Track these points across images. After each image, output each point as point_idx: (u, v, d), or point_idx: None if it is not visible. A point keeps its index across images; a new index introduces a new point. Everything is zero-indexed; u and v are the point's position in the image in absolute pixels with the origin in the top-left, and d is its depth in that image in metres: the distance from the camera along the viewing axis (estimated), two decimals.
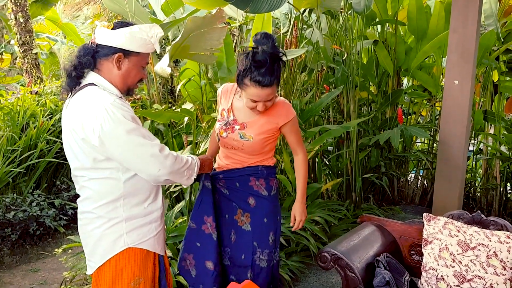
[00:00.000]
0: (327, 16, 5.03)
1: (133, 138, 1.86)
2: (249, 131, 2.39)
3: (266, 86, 2.18)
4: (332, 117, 5.27)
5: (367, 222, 2.82)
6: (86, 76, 1.98)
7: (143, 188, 2.01)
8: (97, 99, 1.86)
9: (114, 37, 1.93)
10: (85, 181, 1.96)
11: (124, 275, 1.97)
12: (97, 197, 1.95)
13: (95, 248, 1.99)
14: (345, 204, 4.89)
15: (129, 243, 1.97)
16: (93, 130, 1.83)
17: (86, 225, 2.00)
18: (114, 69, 1.97)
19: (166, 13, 4.09)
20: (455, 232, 2.43)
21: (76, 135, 1.89)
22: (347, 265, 2.31)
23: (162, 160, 1.90)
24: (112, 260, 1.96)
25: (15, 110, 5.13)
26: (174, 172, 1.97)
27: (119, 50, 1.95)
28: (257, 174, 2.47)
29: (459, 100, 4.17)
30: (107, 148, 1.85)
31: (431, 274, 2.43)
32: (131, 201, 1.98)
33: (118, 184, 1.94)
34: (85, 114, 1.85)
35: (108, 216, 1.95)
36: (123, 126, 1.84)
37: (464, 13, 4.04)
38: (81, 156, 1.92)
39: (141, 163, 1.89)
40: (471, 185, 5.87)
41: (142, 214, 2.01)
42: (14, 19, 7.27)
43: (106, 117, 1.82)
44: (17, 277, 3.93)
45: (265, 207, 2.50)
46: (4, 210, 4.37)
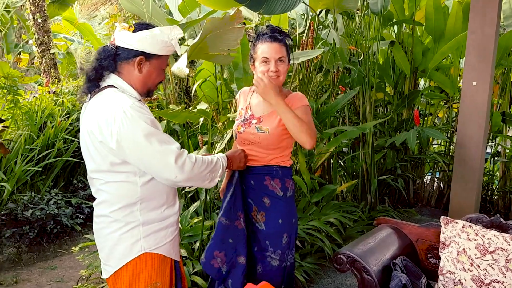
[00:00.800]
0: (344, 17, 5.01)
1: (151, 143, 1.82)
2: (266, 124, 2.40)
3: (275, 40, 2.33)
4: (348, 118, 5.25)
5: (384, 224, 2.80)
6: (105, 79, 1.96)
7: (161, 192, 1.98)
8: (116, 102, 1.85)
9: (135, 40, 1.92)
10: (101, 184, 1.94)
11: (141, 279, 1.95)
12: (114, 201, 1.92)
13: (111, 252, 1.96)
14: (360, 206, 4.86)
15: (146, 248, 1.94)
16: (111, 133, 1.81)
17: (103, 228, 1.98)
18: (135, 72, 1.96)
19: (183, 13, 4.10)
20: (473, 235, 2.40)
21: (94, 137, 1.88)
22: (364, 268, 2.30)
23: (179, 166, 1.86)
24: (129, 265, 1.94)
25: (34, 109, 5.19)
26: (193, 177, 1.93)
27: (140, 53, 1.94)
28: (272, 173, 2.46)
29: (477, 101, 4.14)
30: (124, 151, 1.83)
31: (448, 278, 2.41)
32: (148, 205, 1.95)
33: (134, 188, 1.91)
34: (104, 117, 1.83)
35: (125, 220, 1.92)
36: (142, 130, 1.82)
37: (482, 13, 4.00)
38: (98, 158, 1.90)
39: (158, 168, 1.86)
40: (488, 188, 5.80)
41: (159, 219, 1.98)
42: (32, 19, 7.35)
43: (125, 120, 1.80)
44: (34, 274, 3.97)
45: (280, 209, 2.47)
46: (22, 208, 4.43)
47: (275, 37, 2.34)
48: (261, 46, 2.35)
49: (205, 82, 4.00)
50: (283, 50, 2.36)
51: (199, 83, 3.98)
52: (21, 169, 4.58)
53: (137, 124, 1.82)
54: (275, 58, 2.33)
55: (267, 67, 2.34)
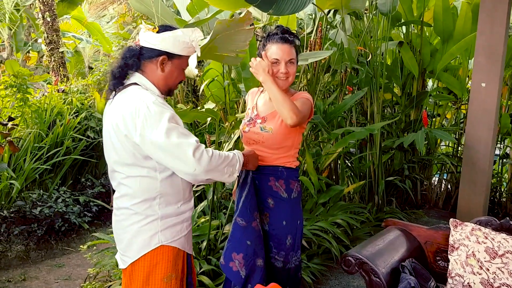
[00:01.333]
0: (352, 17, 4.99)
1: (170, 137, 1.88)
2: (270, 123, 2.41)
3: (286, 41, 2.35)
4: (355, 119, 5.24)
5: (392, 226, 2.80)
6: (130, 77, 2.07)
7: (178, 188, 2.06)
8: (140, 97, 1.94)
9: (159, 40, 2.02)
10: (123, 178, 2.02)
11: (158, 270, 2.03)
12: (135, 195, 2.01)
13: (130, 243, 2.04)
14: (367, 207, 4.85)
15: (163, 240, 2.02)
16: (135, 127, 1.89)
17: (123, 220, 2.06)
18: (158, 70, 2.06)
19: (191, 13, 4.10)
20: (482, 238, 2.40)
21: (119, 131, 1.95)
22: (372, 270, 2.29)
23: (197, 159, 1.90)
24: (147, 256, 2.02)
25: (43, 108, 5.22)
26: (212, 170, 1.96)
27: (163, 52, 2.04)
28: (277, 174, 2.45)
29: (486, 103, 4.12)
30: (146, 145, 1.90)
31: (457, 281, 2.40)
32: (167, 200, 2.03)
33: (155, 183, 1.99)
34: (128, 111, 1.91)
35: (145, 213, 2.01)
36: (162, 125, 1.88)
37: (492, 14, 3.99)
38: (121, 152, 1.98)
39: (177, 163, 1.91)
40: (496, 190, 5.76)
41: (176, 213, 2.07)
42: (42, 18, 7.38)
43: (148, 115, 1.88)
44: (42, 272, 3.99)
45: (284, 210, 2.46)
46: (30, 206, 4.46)
47: (285, 38, 2.35)
48: (272, 46, 2.36)
49: (213, 81, 4.00)
50: (293, 51, 2.37)
51: (207, 83, 3.98)
52: (30, 167, 4.62)
53: (159, 119, 1.89)
54: (285, 60, 2.34)
55: (277, 68, 2.36)
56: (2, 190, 4.35)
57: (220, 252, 3.53)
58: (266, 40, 2.40)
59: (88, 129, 5.48)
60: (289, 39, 2.36)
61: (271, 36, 2.38)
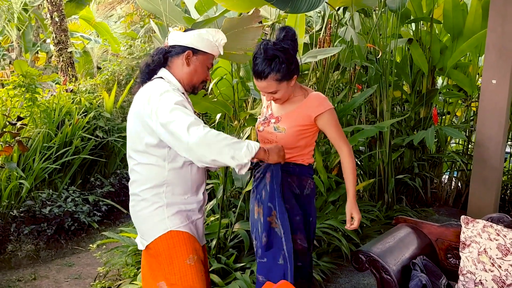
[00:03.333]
0: (361, 15, 4.97)
1: (173, 114, 1.96)
2: (283, 123, 2.39)
3: (260, 78, 2.25)
4: (365, 116, 5.21)
5: (402, 224, 2.77)
6: (157, 72, 2.20)
7: (186, 180, 2.17)
8: (158, 86, 2.07)
9: (184, 37, 2.17)
10: (134, 164, 2.16)
11: (178, 253, 2.13)
12: (143, 181, 2.13)
13: (143, 227, 2.19)
14: (377, 205, 4.82)
15: (171, 226, 2.13)
16: (151, 112, 2.00)
17: (134, 206, 2.20)
18: (184, 65, 2.19)
19: (200, 11, 4.09)
20: (494, 235, 2.37)
21: (140, 117, 2.08)
22: (383, 267, 2.27)
23: (192, 131, 1.92)
24: (161, 240, 2.13)
25: (51, 107, 5.24)
26: (207, 145, 1.93)
27: (188, 48, 2.17)
28: (288, 171, 2.44)
29: (497, 100, 4.08)
30: (158, 128, 1.99)
31: (469, 278, 2.37)
32: (173, 190, 2.14)
33: (162, 171, 2.11)
34: (147, 99, 2.04)
35: (151, 200, 2.13)
36: (169, 105, 1.98)
37: (502, 11, 3.95)
38: (135, 139, 2.12)
39: (174, 138, 1.97)
40: (507, 187, 5.71)
41: (182, 203, 2.18)
42: (50, 18, 7.41)
43: (160, 100, 2.00)
44: (52, 271, 4.01)
45: (296, 206, 2.45)
46: (40, 205, 4.47)
47: (259, 73, 2.23)
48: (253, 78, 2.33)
49: (221, 80, 3.99)
50: (272, 84, 2.25)
51: (216, 81, 3.97)
52: (39, 166, 4.63)
53: (168, 101, 2.00)
54: (266, 92, 2.33)
55: (264, 94, 2.38)
56: (11, 189, 4.37)
57: (230, 250, 3.53)
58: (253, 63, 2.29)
59: (96, 128, 5.50)
60: (263, 72, 2.22)
61: (252, 64, 2.26)
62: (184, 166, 2.14)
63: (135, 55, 6.72)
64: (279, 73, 2.23)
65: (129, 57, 6.71)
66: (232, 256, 3.38)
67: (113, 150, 5.66)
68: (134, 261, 3.41)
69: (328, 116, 2.35)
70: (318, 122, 2.37)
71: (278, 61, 2.21)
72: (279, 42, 2.25)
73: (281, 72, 2.23)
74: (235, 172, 3.52)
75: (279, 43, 2.25)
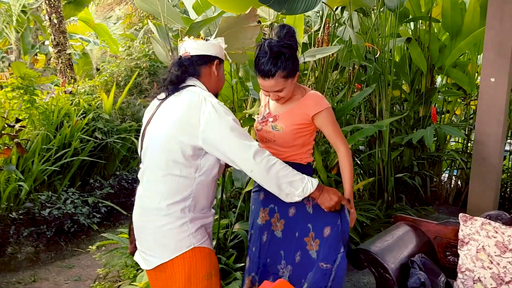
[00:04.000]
0: (359, 14, 4.97)
1: (234, 135, 1.98)
2: (280, 122, 2.39)
3: (267, 76, 2.23)
4: (364, 116, 5.21)
5: (401, 222, 2.78)
6: (186, 81, 2.16)
7: (209, 194, 2.15)
8: (203, 97, 2.03)
9: (210, 47, 2.18)
10: (162, 176, 2.04)
11: (198, 270, 2.07)
12: (172, 194, 2.04)
13: (160, 244, 2.07)
14: (377, 204, 4.82)
15: (195, 242, 2.07)
16: (198, 123, 1.97)
17: (154, 221, 2.07)
18: (213, 74, 2.21)
19: (198, 12, 4.10)
20: (492, 233, 2.37)
21: (175, 129, 2.01)
22: (382, 266, 2.27)
23: (257, 162, 1.99)
24: (184, 258, 2.05)
25: (50, 109, 5.23)
26: (269, 178, 2.03)
27: (216, 57, 2.20)
28: None
29: (495, 98, 4.08)
30: (208, 139, 1.98)
31: (467, 276, 2.37)
32: (196, 204, 2.09)
33: (191, 184, 2.05)
34: (191, 109, 2.01)
35: (177, 215, 2.04)
36: (227, 122, 1.99)
37: (501, 9, 3.94)
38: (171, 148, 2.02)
39: (238, 159, 2.00)
40: (507, 185, 5.71)
41: (202, 217, 2.13)
42: (49, 20, 7.41)
43: (213, 113, 1.98)
44: (52, 273, 4.01)
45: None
46: (39, 207, 4.47)
47: (266, 72, 2.22)
48: (257, 77, 2.29)
49: None
50: (279, 82, 2.25)
51: None
52: (38, 168, 4.63)
53: (224, 118, 2.00)
54: (272, 91, 2.31)
55: (267, 94, 2.35)
56: (10, 192, 4.37)
57: (230, 251, 3.52)
58: (255, 65, 2.28)
59: (95, 130, 5.49)
60: (270, 71, 2.21)
61: (257, 64, 2.25)
62: (212, 179, 2.14)
63: (134, 56, 6.72)
64: (286, 70, 2.22)
65: (128, 58, 6.71)
66: (232, 256, 3.38)
67: (112, 151, 5.65)
68: (134, 263, 3.40)
69: (326, 115, 2.35)
70: (315, 121, 2.37)
71: (284, 57, 2.21)
72: (282, 39, 2.24)
73: (288, 68, 2.23)
74: (235, 172, 3.53)
75: (282, 40, 2.24)
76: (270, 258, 2.45)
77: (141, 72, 6.55)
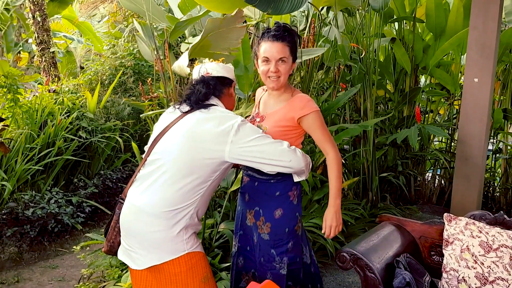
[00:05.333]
0: (344, 14, 4.99)
1: (265, 139, 2.15)
2: (266, 122, 2.40)
3: (277, 39, 2.28)
4: (349, 115, 5.23)
5: (386, 222, 2.79)
6: (209, 100, 2.27)
7: (207, 202, 2.25)
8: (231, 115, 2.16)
9: (229, 71, 2.39)
10: (171, 184, 2.08)
11: (195, 273, 2.14)
12: (176, 201, 2.08)
13: (153, 247, 2.11)
14: (361, 203, 4.85)
15: (188, 248, 2.13)
16: (227, 135, 2.08)
17: (147, 224, 2.10)
18: (231, 96, 2.40)
19: (183, 11, 4.08)
20: (477, 233, 2.39)
21: (199, 141, 2.09)
22: (367, 266, 2.28)
23: (292, 150, 2.19)
24: (178, 262, 2.11)
25: (34, 108, 5.17)
26: (305, 163, 2.25)
27: (232, 80, 2.39)
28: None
29: (479, 98, 4.11)
30: (236, 148, 2.08)
31: (452, 275, 2.40)
32: (197, 212, 2.16)
33: (198, 193, 2.12)
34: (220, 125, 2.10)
35: (174, 221, 2.08)
36: (254, 132, 2.14)
37: (484, 10, 3.98)
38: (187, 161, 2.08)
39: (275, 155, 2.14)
40: (490, 184, 5.79)
41: (195, 224, 2.18)
42: (32, 18, 7.32)
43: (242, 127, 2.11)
44: (36, 273, 3.96)
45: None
46: (23, 207, 4.41)
47: (278, 36, 2.28)
48: (264, 44, 2.32)
49: None
50: (286, 50, 2.30)
51: None
52: (21, 168, 4.57)
53: (253, 130, 2.15)
54: (276, 58, 2.29)
55: (267, 66, 2.32)
56: None
57: (216, 251, 3.52)
58: (261, 38, 2.36)
59: (79, 129, 5.43)
60: (281, 36, 2.28)
61: (265, 34, 2.33)
62: (213, 189, 2.24)
63: (119, 54, 6.66)
64: (292, 44, 2.33)
65: (112, 56, 6.65)
66: (217, 256, 3.37)
67: (97, 150, 5.60)
68: (119, 263, 3.38)
69: (313, 118, 2.32)
70: (302, 124, 2.35)
71: (293, 32, 2.35)
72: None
73: (294, 45, 2.35)
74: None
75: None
76: (263, 258, 2.45)
77: (125, 71, 6.49)
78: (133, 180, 2.24)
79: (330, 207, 2.35)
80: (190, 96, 2.23)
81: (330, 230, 2.33)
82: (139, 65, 6.64)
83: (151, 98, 4.28)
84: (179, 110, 2.24)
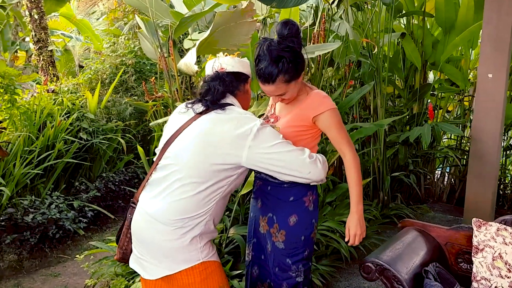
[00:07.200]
0: (353, 9, 4.83)
1: (284, 147, 2.00)
2: (279, 123, 2.27)
3: (267, 82, 2.09)
4: (357, 113, 5.08)
5: (409, 227, 2.64)
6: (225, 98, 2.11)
7: (222, 209, 2.12)
8: (250, 118, 2.01)
9: (245, 65, 2.19)
10: (186, 190, 1.96)
11: (210, 284, 2.03)
12: (193, 208, 1.97)
13: (166, 255, 2.00)
14: (372, 203, 4.70)
15: (203, 257, 2.01)
16: (245, 139, 1.94)
17: (160, 232, 1.98)
18: (246, 92, 2.22)
19: (189, 6, 3.94)
20: (510, 239, 2.25)
21: (217, 145, 1.95)
22: (394, 277, 2.14)
23: (312, 161, 2.05)
24: (192, 271, 2.00)
25: (32, 109, 5.00)
26: (323, 171, 2.10)
27: (248, 76, 2.21)
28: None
29: (493, 94, 4.01)
30: (253, 154, 1.95)
31: (483, 285, 2.25)
32: (213, 219, 2.05)
33: (212, 201, 1.99)
34: (238, 128, 1.96)
35: (189, 229, 1.97)
36: (277, 139, 2.00)
37: (498, 3, 3.87)
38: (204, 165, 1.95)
39: (294, 165, 2.02)
40: (501, 182, 5.65)
41: (210, 231, 2.07)
42: (29, 16, 7.14)
43: (261, 132, 1.97)
44: (37, 282, 3.81)
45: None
46: (22, 213, 4.25)
47: (267, 79, 2.07)
48: (258, 80, 2.15)
49: None
50: (280, 87, 2.10)
51: None
52: (20, 172, 4.40)
53: (272, 136, 2.01)
54: (274, 95, 2.19)
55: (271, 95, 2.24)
56: None
57: (226, 257, 3.37)
58: (255, 67, 2.12)
59: (80, 130, 5.26)
60: (270, 77, 2.06)
61: (256, 67, 2.10)
62: (227, 196, 2.12)
63: (119, 52, 6.49)
64: (287, 74, 2.07)
65: (112, 55, 6.48)
66: (228, 263, 3.23)
67: (98, 152, 5.44)
68: (125, 272, 3.23)
69: (329, 116, 2.17)
70: (317, 123, 2.20)
71: (285, 61, 2.04)
72: (283, 40, 2.05)
73: (289, 72, 2.07)
74: None
75: (283, 42, 2.05)
76: (278, 267, 2.31)
77: (126, 69, 6.32)
78: (144, 184, 2.11)
79: (352, 214, 2.22)
80: (206, 95, 2.07)
81: (354, 239, 2.20)
82: (141, 63, 6.47)
83: (156, 97, 4.12)
84: (192, 110, 2.08)
